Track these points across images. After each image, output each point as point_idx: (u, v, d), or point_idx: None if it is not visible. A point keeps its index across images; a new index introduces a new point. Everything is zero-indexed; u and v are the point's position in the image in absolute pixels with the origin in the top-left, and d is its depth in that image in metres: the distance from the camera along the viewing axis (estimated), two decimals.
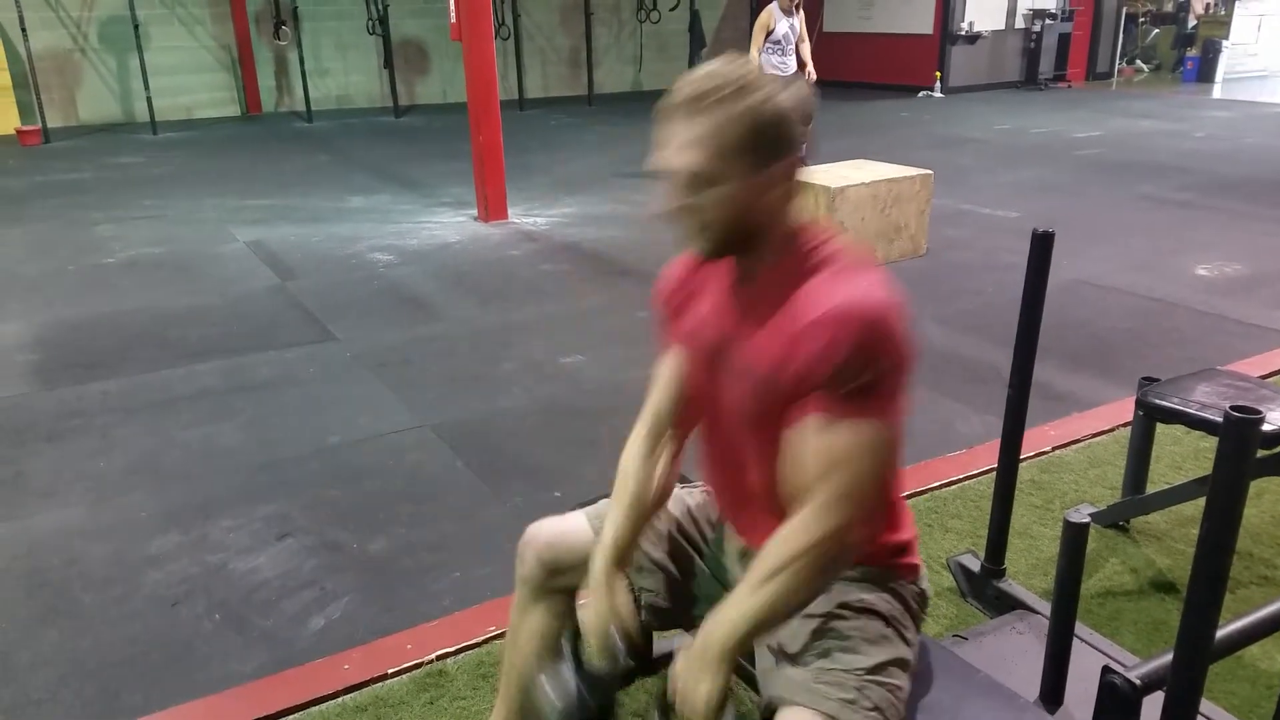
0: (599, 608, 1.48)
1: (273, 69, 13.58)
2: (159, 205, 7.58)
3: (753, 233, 1.32)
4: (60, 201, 7.71)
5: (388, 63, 13.30)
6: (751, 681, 1.54)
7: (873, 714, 1.31)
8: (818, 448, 1.27)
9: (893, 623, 1.43)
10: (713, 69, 1.26)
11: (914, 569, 1.52)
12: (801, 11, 7.78)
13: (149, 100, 11.51)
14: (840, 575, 1.40)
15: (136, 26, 11.30)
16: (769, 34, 7.76)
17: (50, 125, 11.17)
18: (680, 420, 1.59)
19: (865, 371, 1.23)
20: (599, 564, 1.51)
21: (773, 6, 7.71)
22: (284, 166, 9.40)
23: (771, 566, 1.30)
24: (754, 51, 7.78)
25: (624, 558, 1.54)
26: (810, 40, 8.02)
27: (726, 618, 1.31)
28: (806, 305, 1.28)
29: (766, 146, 1.25)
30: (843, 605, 1.43)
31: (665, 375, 1.59)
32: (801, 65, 7.92)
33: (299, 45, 12.65)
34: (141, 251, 6.15)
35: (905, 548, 1.52)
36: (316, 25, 13.39)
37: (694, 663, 1.31)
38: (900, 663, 1.40)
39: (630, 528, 1.54)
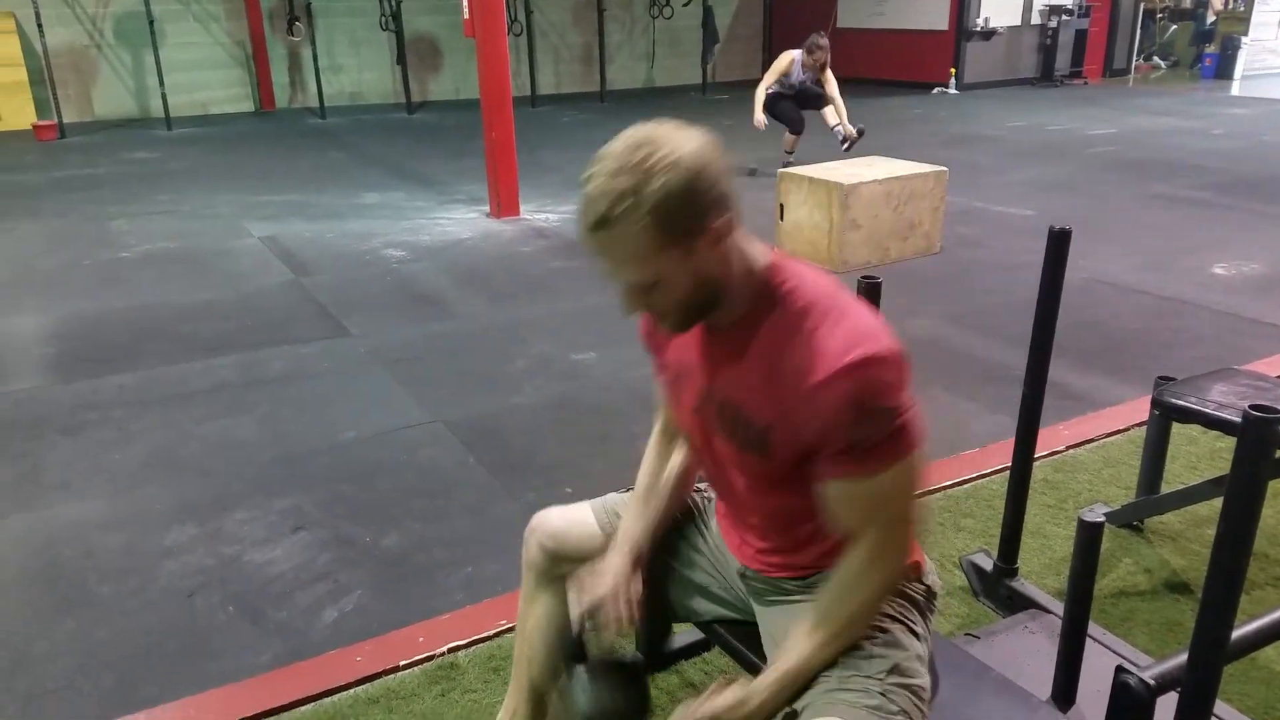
0: (607, 594, 1.52)
1: (286, 65, 13.62)
2: (174, 200, 7.62)
3: (712, 298, 1.30)
4: (76, 196, 7.76)
5: (400, 59, 13.32)
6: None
7: (899, 718, 1.29)
8: (859, 500, 1.29)
9: (900, 620, 1.43)
10: (607, 172, 1.19)
11: (917, 566, 1.52)
12: (828, 72, 7.74)
13: (164, 96, 11.56)
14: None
15: (152, 23, 11.34)
16: (783, 76, 7.76)
17: (66, 120, 11.22)
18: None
19: (885, 422, 1.24)
20: (614, 558, 1.55)
21: (797, 55, 7.69)
22: (298, 163, 9.44)
23: (835, 628, 1.33)
24: (761, 90, 7.80)
25: (635, 549, 1.57)
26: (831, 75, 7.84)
27: (788, 678, 1.33)
28: (805, 363, 1.24)
29: (688, 227, 1.20)
30: None
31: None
32: (820, 101, 7.87)
33: (312, 41, 12.69)
34: (157, 246, 6.19)
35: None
36: (330, 21, 13.43)
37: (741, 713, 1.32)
38: (919, 661, 1.40)
39: (643, 520, 1.59)
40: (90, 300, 5.09)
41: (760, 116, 7.81)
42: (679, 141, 1.20)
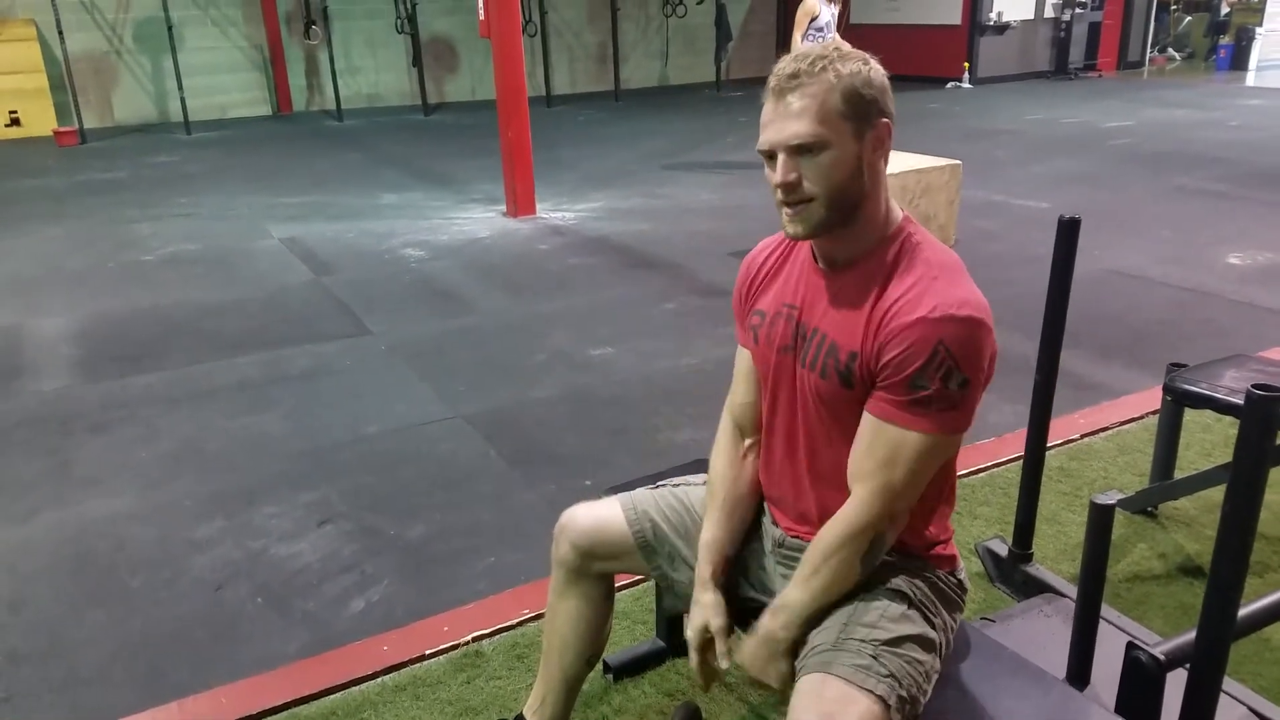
0: (696, 624, 1.57)
1: (303, 68, 13.73)
2: (194, 203, 7.72)
3: (855, 204, 1.40)
4: (98, 200, 7.86)
5: (417, 61, 13.40)
6: None
7: (888, 680, 1.34)
8: (876, 443, 1.37)
9: (917, 605, 1.46)
10: (803, 50, 1.39)
11: (951, 560, 1.57)
12: (840, 4, 7.66)
13: (183, 100, 11.68)
14: (878, 560, 1.47)
15: (170, 28, 11.46)
16: (813, 20, 7.67)
17: (87, 126, 11.35)
18: (758, 415, 1.64)
19: (950, 382, 1.32)
20: (702, 569, 1.59)
21: None
22: (316, 164, 9.52)
23: (816, 561, 1.43)
24: (797, 36, 7.67)
25: (722, 559, 1.61)
26: (839, 33, 7.79)
27: (783, 610, 1.45)
28: (916, 301, 1.34)
29: (864, 111, 1.37)
30: (870, 588, 1.47)
31: (744, 369, 1.65)
32: None
33: (329, 44, 12.79)
34: (179, 248, 6.27)
35: (943, 540, 1.57)
36: (347, 24, 13.53)
37: (761, 650, 1.47)
38: (922, 640, 1.43)
39: (727, 529, 1.62)
40: (115, 302, 5.17)
41: None
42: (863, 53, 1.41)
